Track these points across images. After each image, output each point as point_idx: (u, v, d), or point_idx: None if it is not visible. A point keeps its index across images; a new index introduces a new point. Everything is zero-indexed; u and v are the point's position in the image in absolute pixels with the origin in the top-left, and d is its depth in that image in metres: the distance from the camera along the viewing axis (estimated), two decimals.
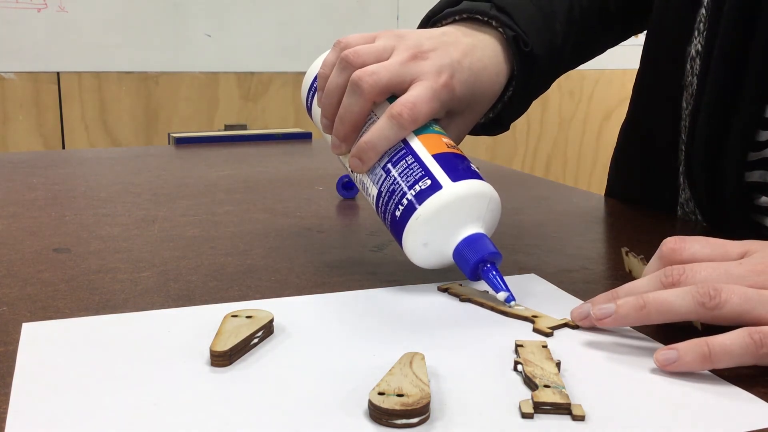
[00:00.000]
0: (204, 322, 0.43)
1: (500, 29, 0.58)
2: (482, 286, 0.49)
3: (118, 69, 1.84)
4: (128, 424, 0.32)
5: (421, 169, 0.48)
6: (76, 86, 1.82)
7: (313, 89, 0.57)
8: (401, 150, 0.50)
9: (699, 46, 0.64)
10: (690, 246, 0.44)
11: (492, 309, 0.46)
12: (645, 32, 0.76)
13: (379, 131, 0.50)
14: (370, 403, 0.33)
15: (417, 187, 0.48)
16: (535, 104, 0.67)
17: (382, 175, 0.50)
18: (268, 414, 0.33)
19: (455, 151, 0.50)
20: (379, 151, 0.50)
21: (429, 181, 0.48)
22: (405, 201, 0.48)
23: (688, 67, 0.66)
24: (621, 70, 2.32)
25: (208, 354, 0.39)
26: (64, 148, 1.83)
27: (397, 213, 0.49)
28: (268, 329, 0.41)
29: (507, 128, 0.65)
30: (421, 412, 0.32)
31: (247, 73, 1.95)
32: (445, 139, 0.51)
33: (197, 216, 0.69)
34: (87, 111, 1.85)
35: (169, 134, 1.20)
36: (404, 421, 0.32)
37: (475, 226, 0.48)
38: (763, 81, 0.58)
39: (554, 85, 0.70)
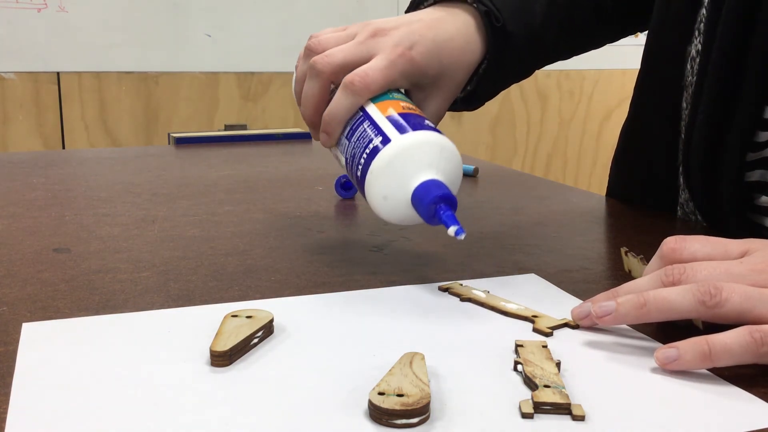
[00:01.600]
0: (204, 322, 0.43)
1: (474, 5, 0.59)
2: (483, 285, 0.49)
3: (118, 69, 1.84)
4: (128, 424, 0.32)
5: (375, 130, 0.51)
6: (76, 86, 1.82)
7: None
8: (360, 117, 0.53)
9: (699, 46, 0.64)
10: (690, 245, 0.44)
11: (492, 309, 0.46)
12: (645, 32, 0.76)
13: (336, 102, 0.53)
14: (370, 403, 0.33)
15: (371, 146, 0.50)
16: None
17: (345, 143, 0.53)
18: (268, 414, 0.33)
19: (411, 111, 0.52)
20: (339, 121, 0.53)
21: (380, 138, 0.50)
22: (362, 160, 0.51)
23: (689, 67, 0.66)
24: (621, 70, 2.32)
25: (208, 354, 0.39)
26: (64, 148, 1.83)
27: (359, 173, 0.51)
28: (268, 329, 0.41)
29: (482, 104, 0.67)
30: (421, 412, 0.32)
31: (247, 73, 1.95)
32: (404, 104, 0.53)
33: (197, 216, 0.69)
34: (87, 111, 1.85)
35: (169, 134, 1.20)
36: (404, 421, 0.32)
37: (428, 173, 0.50)
38: (762, 82, 0.58)
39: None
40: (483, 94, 0.65)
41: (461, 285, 0.50)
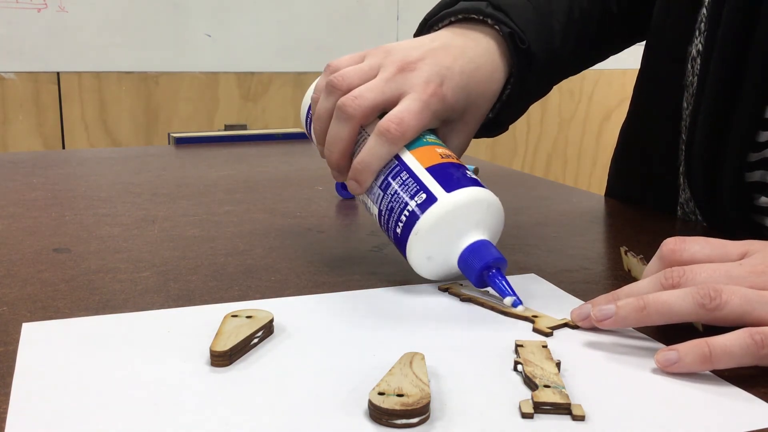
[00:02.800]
0: (204, 322, 0.43)
1: (496, 27, 0.57)
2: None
3: (118, 69, 1.84)
4: (128, 424, 0.32)
5: (416, 184, 0.48)
6: (76, 86, 1.82)
7: (310, 116, 0.57)
8: (395, 167, 0.50)
9: (700, 46, 0.64)
10: (690, 247, 0.44)
11: (492, 309, 0.46)
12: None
13: (370, 150, 0.50)
14: (370, 403, 0.33)
15: (413, 203, 0.48)
16: (535, 104, 0.67)
17: (379, 194, 0.50)
18: (268, 414, 0.33)
19: (450, 160, 0.50)
20: (373, 171, 0.50)
21: (424, 195, 0.48)
22: (403, 217, 0.48)
23: (689, 66, 0.66)
24: (621, 70, 2.32)
25: (208, 354, 0.39)
26: (64, 148, 1.83)
27: (398, 230, 0.49)
28: (268, 329, 0.42)
29: (506, 129, 0.65)
30: (421, 412, 0.32)
31: (247, 73, 1.95)
32: (440, 150, 0.51)
33: (197, 216, 0.69)
34: (87, 111, 1.85)
35: (169, 134, 1.20)
36: (404, 421, 0.32)
37: (476, 233, 0.48)
38: (763, 82, 0.58)
39: None
40: (505, 120, 0.63)
41: (461, 285, 0.50)
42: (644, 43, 0.76)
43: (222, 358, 0.38)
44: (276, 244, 0.60)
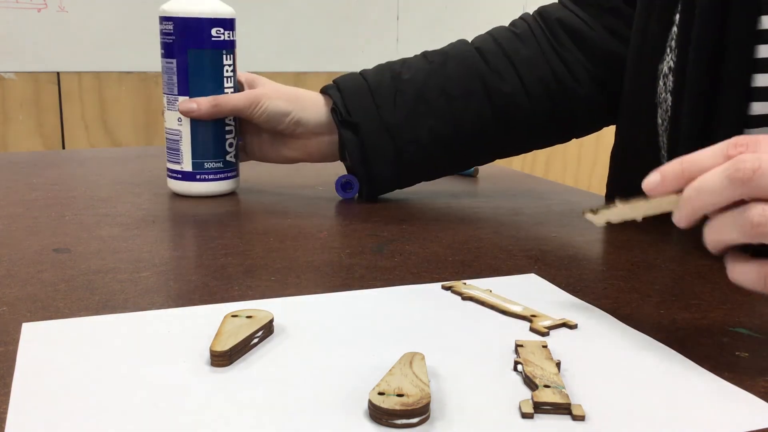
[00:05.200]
0: (204, 322, 0.43)
1: (329, 92, 0.74)
2: (486, 284, 0.49)
3: (118, 69, 1.84)
4: (128, 424, 0.32)
5: None
6: (76, 86, 1.82)
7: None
8: None
9: (672, 63, 0.64)
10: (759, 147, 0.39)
11: (493, 308, 0.46)
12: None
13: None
14: (370, 403, 0.33)
15: None
16: None
17: None
18: (268, 414, 0.33)
19: None
20: None
21: None
22: None
23: (661, 83, 0.66)
24: None
25: (208, 354, 0.39)
26: (64, 148, 1.83)
27: None
28: (268, 329, 0.42)
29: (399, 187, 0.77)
30: (421, 412, 0.32)
31: (247, 73, 1.95)
32: None
33: (197, 216, 0.68)
34: (87, 111, 1.85)
35: None
36: (404, 421, 0.32)
37: None
38: (738, 103, 0.57)
39: None
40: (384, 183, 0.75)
41: (464, 284, 0.50)
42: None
43: (222, 358, 0.38)
44: (276, 244, 0.60)
